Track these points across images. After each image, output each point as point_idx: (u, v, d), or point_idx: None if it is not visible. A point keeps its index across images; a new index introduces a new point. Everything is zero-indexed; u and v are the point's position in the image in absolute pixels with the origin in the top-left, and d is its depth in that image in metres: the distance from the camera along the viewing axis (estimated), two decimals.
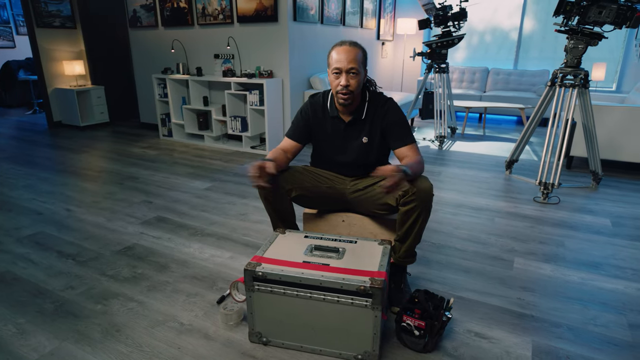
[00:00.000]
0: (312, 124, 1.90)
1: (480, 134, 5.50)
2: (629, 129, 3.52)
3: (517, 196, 3.18)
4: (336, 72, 1.72)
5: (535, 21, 6.49)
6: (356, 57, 1.71)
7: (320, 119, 1.89)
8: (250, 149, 4.53)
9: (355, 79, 1.72)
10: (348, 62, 1.70)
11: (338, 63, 1.71)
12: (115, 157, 4.28)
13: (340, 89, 1.72)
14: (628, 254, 2.30)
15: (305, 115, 1.90)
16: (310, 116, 1.90)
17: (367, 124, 1.84)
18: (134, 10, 5.14)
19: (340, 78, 1.72)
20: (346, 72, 1.71)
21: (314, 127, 1.91)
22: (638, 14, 2.81)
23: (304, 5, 4.35)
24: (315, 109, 1.90)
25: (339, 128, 1.87)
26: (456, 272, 2.11)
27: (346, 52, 1.70)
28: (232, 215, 2.81)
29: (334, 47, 1.74)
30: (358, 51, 1.73)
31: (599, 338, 1.64)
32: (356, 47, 1.73)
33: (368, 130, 1.85)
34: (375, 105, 1.84)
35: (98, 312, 1.79)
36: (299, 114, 1.92)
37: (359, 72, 1.73)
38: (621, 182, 3.51)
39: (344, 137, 1.88)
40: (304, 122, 1.90)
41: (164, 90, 4.95)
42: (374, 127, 1.84)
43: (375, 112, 1.83)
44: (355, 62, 1.70)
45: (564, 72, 3.09)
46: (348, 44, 1.72)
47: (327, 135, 1.89)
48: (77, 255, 2.27)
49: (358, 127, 1.85)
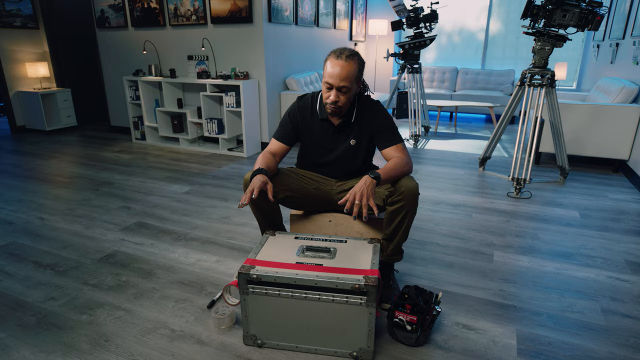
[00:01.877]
0: (300, 126, 1.91)
1: (452, 132, 5.67)
2: (592, 125, 3.72)
3: (492, 192, 3.30)
4: (328, 86, 1.71)
5: (500, 22, 6.74)
6: (348, 74, 1.66)
7: (309, 121, 1.90)
8: (227, 151, 4.49)
9: (346, 95, 1.71)
10: (340, 79, 1.67)
11: (330, 78, 1.68)
12: (87, 162, 4.14)
13: (329, 102, 1.73)
14: (597, 244, 2.44)
15: (293, 118, 1.91)
16: (298, 119, 1.91)
17: (355, 127, 1.87)
18: (102, 10, 4.98)
19: (331, 93, 1.71)
20: (337, 89, 1.70)
21: (302, 129, 1.92)
22: (598, 18, 2.98)
23: (279, 6, 4.35)
24: (303, 111, 1.91)
25: (327, 131, 1.89)
26: (440, 267, 2.18)
27: (340, 68, 1.66)
28: (214, 219, 2.79)
29: (330, 56, 1.70)
30: (353, 67, 1.67)
31: (576, 324, 1.74)
32: (352, 61, 1.67)
33: (356, 132, 1.87)
34: (364, 108, 1.86)
35: (84, 323, 1.74)
36: (287, 116, 1.92)
37: (350, 90, 1.71)
38: (586, 176, 3.71)
39: (332, 140, 1.90)
40: (292, 125, 1.91)
41: (136, 93, 4.83)
42: (362, 130, 1.87)
43: (364, 115, 1.86)
44: (347, 80, 1.67)
45: (532, 72, 3.23)
46: (345, 57, 1.66)
47: (316, 138, 1.91)
48: (56, 265, 2.20)
49: (347, 130, 1.88)
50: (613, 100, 3.76)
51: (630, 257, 2.29)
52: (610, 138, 3.69)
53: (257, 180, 1.63)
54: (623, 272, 2.14)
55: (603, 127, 3.69)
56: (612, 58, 4.74)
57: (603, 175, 3.74)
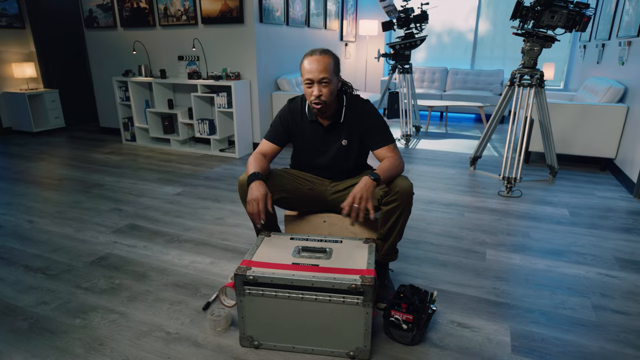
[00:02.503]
0: (291, 128, 1.91)
1: (443, 132, 5.71)
2: (580, 124, 3.78)
3: (483, 191, 3.34)
4: (308, 82, 1.71)
5: (489, 23, 6.81)
6: (327, 66, 1.69)
7: (299, 123, 1.90)
8: (218, 152, 4.47)
9: (327, 87, 1.72)
10: (319, 72, 1.68)
11: (309, 74, 1.70)
12: (76, 164, 4.09)
13: (313, 99, 1.72)
14: (586, 241, 2.48)
15: (284, 121, 1.91)
16: (289, 121, 1.91)
17: (345, 127, 1.87)
18: (90, 10, 4.92)
19: (313, 88, 1.71)
20: (318, 82, 1.70)
21: (294, 131, 1.92)
22: (586, 19, 3.03)
23: (270, 6, 4.34)
24: (294, 113, 1.91)
25: (318, 132, 1.89)
26: (434, 266, 2.20)
27: (317, 62, 1.68)
28: (208, 220, 2.78)
29: (304, 57, 1.73)
30: (329, 60, 1.71)
31: (568, 320, 1.76)
32: (327, 55, 1.71)
33: (347, 132, 1.88)
34: (353, 108, 1.86)
35: (77, 327, 1.72)
36: (278, 119, 1.92)
37: (330, 81, 1.71)
38: (574, 175, 3.77)
39: (323, 141, 1.90)
40: (283, 128, 1.91)
41: (126, 94, 4.78)
42: (353, 130, 1.87)
43: (354, 115, 1.86)
44: (326, 71, 1.69)
45: (521, 73, 3.28)
46: (318, 52, 1.71)
47: (307, 140, 1.91)
48: (47, 269, 2.17)
49: (337, 130, 1.88)
50: (600, 100, 3.83)
51: (618, 254, 2.33)
52: (597, 137, 3.76)
53: (257, 192, 1.63)
54: (612, 268, 2.18)
55: (590, 127, 3.76)
56: (599, 58, 4.83)
57: (591, 174, 3.80)
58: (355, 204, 1.60)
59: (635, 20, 3.69)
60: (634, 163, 3.33)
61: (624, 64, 3.90)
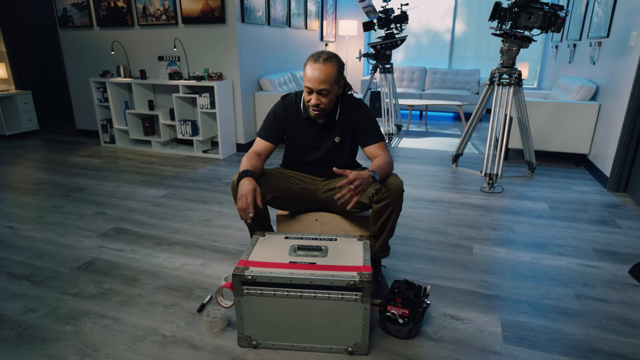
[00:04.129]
0: (285, 124, 1.92)
1: (423, 131, 5.81)
2: (555, 122, 3.92)
3: (466, 187, 3.42)
4: (308, 90, 1.73)
5: (465, 24, 6.97)
6: (327, 77, 1.68)
7: (294, 119, 1.91)
8: (202, 153, 4.42)
9: (327, 97, 1.73)
10: (319, 82, 1.68)
11: (309, 82, 1.70)
12: (54, 168, 3.97)
13: (311, 105, 1.76)
14: (566, 234, 2.58)
15: (278, 117, 1.91)
16: (283, 117, 1.91)
17: (339, 125, 1.90)
18: (64, 9, 4.78)
19: (311, 97, 1.73)
20: (317, 92, 1.71)
21: (287, 127, 1.93)
22: (560, 20, 3.15)
23: (251, 6, 4.32)
24: (288, 110, 1.92)
25: (312, 129, 1.91)
26: (424, 261, 2.25)
27: (319, 71, 1.67)
28: (195, 222, 2.75)
29: (308, 61, 1.71)
30: (332, 69, 1.69)
31: (553, 310, 1.84)
32: (330, 63, 1.69)
33: (340, 130, 1.90)
34: (347, 106, 1.89)
35: (69, 333, 1.68)
36: (272, 115, 1.92)
37: (330, 92, 1.72)
38: (551, 170, 3.91)
39: (317, 138, 1.92)
40: (277, 124, 1.92)
41: (104, 95, 4.67)
42: (346, 127, 1.90)
43: (348, 113, 1.89)
44: (327, 83, 1.68)
45: (500, 72, 3.38)
46: (322, 60, 1.68)
47: (301, 136, 1.93)
48: (32, 276, 2.11)
49: (331, 128, 1.90)
50: (573, 98, 3.98)
51: (596, 245, 2.44)
52: (572, 134, 3.91)
53: (246, 187, 1.63)
54: (591, 259, 2.28)
55: (565, 124, 3.90)
56: (570, 58, 5.02)
57: (566, 169, 3.95)
58: (353, 185, 1.59)
59: (605, 22, 3.85)
60: (606, 158, 3.48)
61: (595, 63, 4.07)
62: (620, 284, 2.05)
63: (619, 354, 1.57)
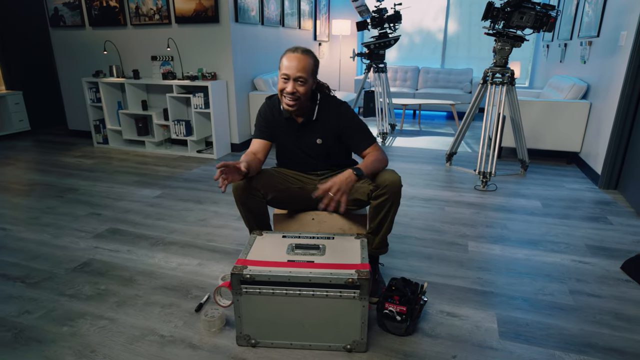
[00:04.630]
0: (271, 123, 1.94)
1: (417, 130, 5.85)
2: (547, 120, 3.97)
3: (460, 185, 3.45)
4: (284, 77, 1.74)
5: (457, 23, 7.02)
6: (305, 66, 1.72)
7: (277, 119, 1.93)
8: (196, 153, 4.41)
9: (303, 87, 1.74)
10: (297, 70, 1.71)
11: (287, 70, 1.72)
12: (46, 169, 3.93)
13: (286, 93, 1.75)
14: (560, 231, 2.62)
15: (264, 116, 1.94)
16: (268, 116, 1.93)
17: (319, 126, 1.88)
18: (56, 9, 4.73)
19: (288, 84, 1.74)
20: (294, 80, 1.73)
21: (273, 126, 1.94)
22: (552, 20, 3.19)
23: (245, 6, 4.32)
24: (272, 109, 1.93)
25: (292, 128, 1.91)
26: (420, 259, 2.26)
27: (297, 60, 1.71)
28: (191, 222, 2.74)
29: (286, 52, 1.75)
30: (309, 61, 1.74)
31: (548, 305, 1.86)
32: (307, 55, 1.74)
33: (321, 131, 1.89)
34: (327, 107, 1.88)
35: (65, 335, 1.67)
36: (260, 116, 1.95)
37: (306, 81, 1.74)
38: (544, 168, 3.96)
39: (298, 137, 1.92)
40: (265, 123, 1.93)
41: (97, 95, 4.63)
42: (327, 129, 1.89)
43: (328, 115, 1.87)
44: (304, 71, 1.72)
45: (493, 71, 3.41)
46: (300, 51, 1.74)
47: (285, 135, 1.94)
48: (27, 277, 2.09)
49: (310, 128, 1.89)
50: (565, 97, 4.03)
51: (589, 242, 2.47)
52: (563, 132, 3.96)
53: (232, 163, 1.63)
54: (584, 255, 2.31)
55: (557, 122, 3.95)
56: (561, 57, 5.07)
57: (558, 167, 4.00)
58: (331, 192, 1.62)
59: (595, 22, 3.90)
60: (597, 156, 3.53)
61: (585, 62, 4.13)
62: (613, 279, 2.08)
63: (613, 348, 1.60)
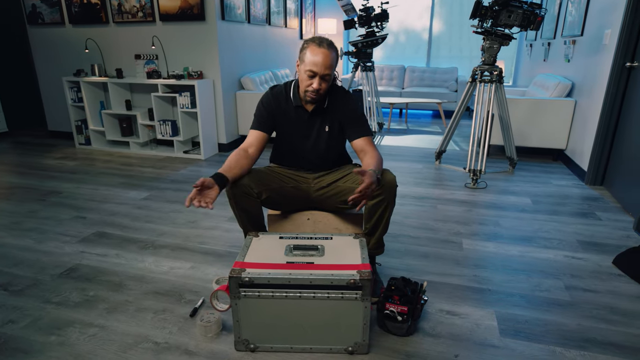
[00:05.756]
0: (275, 113, 1.90)
1: (404, 128, 5.86)
2: (533, 118, 4.02)
3: (450, 183, 3.46)
4: (311, 74, 1.72)
5: (442, 22, 7.07)
6: (332, 62, 1.71)
7: (284, 108, 1.89)
8: (182, 153, 4.32)
9: (327, 83, 1.75)
10: (325, 67, 1.69)
11: (314, 66, 1.69)
12: (25, 171, 3.79)
13: (312, 90, 1.74)
14: (551, 227, 2.64)
15: (268, 106, 1.89)
16: (273, 106, 1.89)
17: (328, 114, 1.89)
18: (33, 5, 4.57)
19: (314, 81, 1.72)
20: (320, 77, 1.72)
21: (278, 116, 1.90)
22: (539, 19, 3.22)
23: (231, 4, 4.25)
24: (278, 98, 1.89)
25: (302, 117, 1.89)
26: (416, 258, 2.25)
27: (324, 56, 1.68)
28: (181, 224, 2.67)
29: (310, 45, 1.71)
30: (334, 55, 1.73)
31: (545, 301, 1.87)
32: (332, 50, 1.72)
33: (330, 119, 1.89)
34: (335, 96, 1.89)
35: (53, 344, 1.60)
36: (262, 105, 1.90)
37: (331, 78, 1.75)
38: (531, 165, 4.01)
39: (307, 126, 1.90)
40: (267, 113, 1.89)
41: (78, 95, 4.49)
42: (335, 117, 1.89)
43: (336, 102, 1.88)
44: (331, 68, 1.71)
45: (482, 69, 3.43)
46: (326, 45, 1.70)
47: (292, 124, 1.90)
48: (9, 285, 1.99)
49: (320, 115, 1.89)
50: (550, 95, 4.09)
51: (580, 237, 2.50)
52: (549, 129, 4.01)
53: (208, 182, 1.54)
54: (577, 251, 2.34)
55: (543, 120, 4.00)
56: (545, 56, 5.15)
57: (545, 164, 4.06)
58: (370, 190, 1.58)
59: (579, 21, 3.97)
60: (583, 153, 3.58)
61: (569, 61, 4.19)
62: (606, 274, 2.10)
63: (611, 342, 1.61)
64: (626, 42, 3.04)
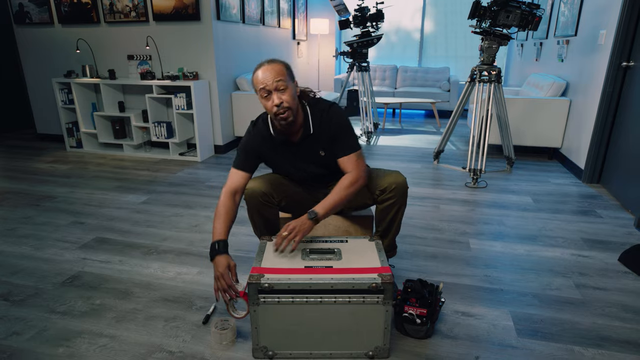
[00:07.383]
0: (261, 153, 1.78)
1: (399, 128, 5.88)
2: (529, 117, 4.06)
3: (451, 183, 3.47)
4: (264, 93, 1.59)
5: (434, 23, 7.11)
6: (279, 71, 1.59)
7: (269, 146, 1.77)
8: (178, 155, 4.25)
9: (286, 93, 1.59)
10: (272, 78, 1.57)
11: (263, 83, 1.58)
12: (16, 176, 3.68)
13: (275, 109, 1.59)
14: (554, 225, 2.66)
15: (251, 150, 1.77)
16: (256, 148, 1.77)
17: (317, 137, 1.73)
18: (20, 5, 4.45)
19: (272, 98, 1.59)
20: (275, 90, 1.58)
21: (265, 155, 1.79)
22: (537, 19, 3.25)
23: (226, 3, 4.19)
24: (261, 137, 1.76)
25: (291, 150, 1.76)
26: (425, 259, 2.24)
27: (268, 70, 1.58)
28: (183, 228, 2.62)
29: (255, 71, 1.63)
30: (280, 66, 1.61)
31: (558, 300, 1.88)
32: (276, 62, 1.62)
33: (322, 141, 1.74)
34: (319, 114, 1.72)
35: (62, 356, 1.54)
36: (245, 147, 1.77)
37: (287, 86, 1.59)
38: (528, 164, 4.05)
39: (299, 158, 1.78)
40: (253, 155, 1.77)
41: (69, 96, 4.38)
42: (325, 137, 1.74)
43: (322, 121, 1.72)
44: (281, 75, 1.58)
45: (481, 69, 3.45)
46: (267, 62, 1.61)
47: (283, 159, 1.80)
48: (10, 295, 1.92)
49: (310, 142, 1.74)
50: (545, 94, 4.14)
51: (584, 235, 2.53)
52: (544, 128, 4.06)
53: (222, 267, 1.54)
54: (582, 249, 2.36)
55: (538, 119, 4.05)
56: (537, 56, 5.22)
57: (541, 163, 4.10)
58: (288, 233, 1.56)
59: (572, 21, 4.02)
60: (579, 151, 3.63)
61: (563, 60, 4.25)
62: (613, 271, 2.13)
63: (627, 340, 1.62)
64: (622, 42, 3.08)
